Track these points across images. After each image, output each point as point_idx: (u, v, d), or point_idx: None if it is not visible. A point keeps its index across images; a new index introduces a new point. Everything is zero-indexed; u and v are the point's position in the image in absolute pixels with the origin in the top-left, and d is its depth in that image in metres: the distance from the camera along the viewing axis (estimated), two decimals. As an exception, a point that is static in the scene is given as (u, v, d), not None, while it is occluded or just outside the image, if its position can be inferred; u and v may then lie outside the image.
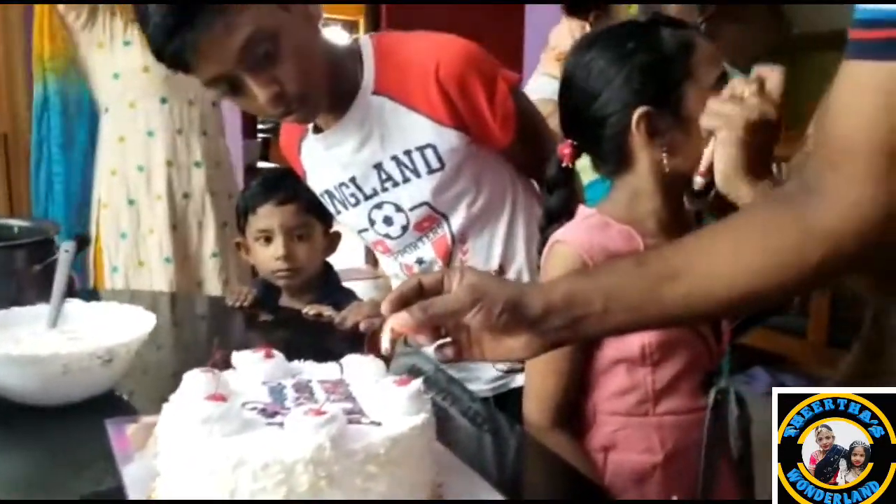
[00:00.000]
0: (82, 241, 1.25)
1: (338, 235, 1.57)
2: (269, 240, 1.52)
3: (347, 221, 1.33)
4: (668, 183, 1.03)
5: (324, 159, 1.27)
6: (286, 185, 1.48)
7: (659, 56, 0.99)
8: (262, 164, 6.50)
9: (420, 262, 1.28)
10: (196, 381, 0.73)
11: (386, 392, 0.74)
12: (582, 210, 1.08)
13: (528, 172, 1.31)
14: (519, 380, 1.22)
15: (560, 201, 1.10)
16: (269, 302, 1.53)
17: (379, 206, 1.25)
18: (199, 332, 1.51)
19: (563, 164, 1.07)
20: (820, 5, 3.37)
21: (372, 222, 1.27)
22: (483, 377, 1.29)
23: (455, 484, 0.77)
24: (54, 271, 1.17)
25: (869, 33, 0.62)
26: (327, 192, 1.31)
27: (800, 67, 1.26)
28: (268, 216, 1.51)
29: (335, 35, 8.56)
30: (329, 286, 1.56)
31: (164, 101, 2.01)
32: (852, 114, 0.64)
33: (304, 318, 1.42)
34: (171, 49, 1.03)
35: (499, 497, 0.77)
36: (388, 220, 1.26)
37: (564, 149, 1.07)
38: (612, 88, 1.01)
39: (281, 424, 0.69)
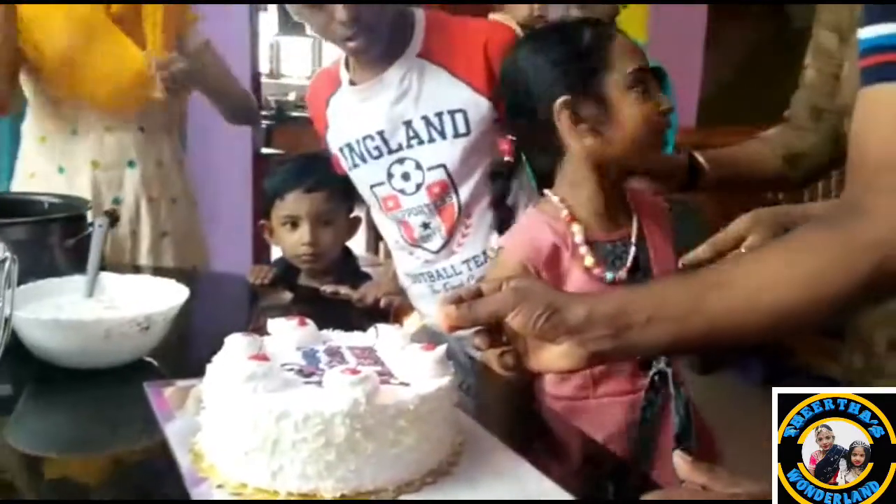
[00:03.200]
0: (114, 217, 1.30)
1: (358, 220, 1.61)
2: (294, 225, 1.55)
3: (363, 176, 1.39)
4: (601, 168, 1.07)
5: (355, 111, 1.36)
6: (315, 172, 1.53)
7: (577, 47, 1.06)
8: (266, 151, 6.53)
9: (425, 226, 1.36)
10: (238, 343, 0.80)
11: (413, 356, 0.80)
12: (529, 209, 1.16)
13: None
14: None
15: (499, 189, 1.26)
16: (288, 280, 1.58)
17: (400, 161, 1.34)
18: (221, 307, 1.56)
19: (505, 159, 1.18)
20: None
21: (390, 176, 1.35)
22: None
23: (473, 441, 0.84)
24: (85, 245, 1.23)
25: (876, 59, 0.68)
26: (348, 145, 1.38)
27: (800, 62, 1.32)
28: (296, 202, 1.54)
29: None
30: (348, 269, 1.61)
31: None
32: (877, 134, 0.68)
33: (322, 296, 1.48)
34: None
35: (511, 452, 0.83)
36: (405, 176, 1.35)
37: (503, 144, 1.17)
38: (537, 81, 1.07)
39: (318, 383, 0.75)
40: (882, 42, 0.67)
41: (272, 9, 6.11)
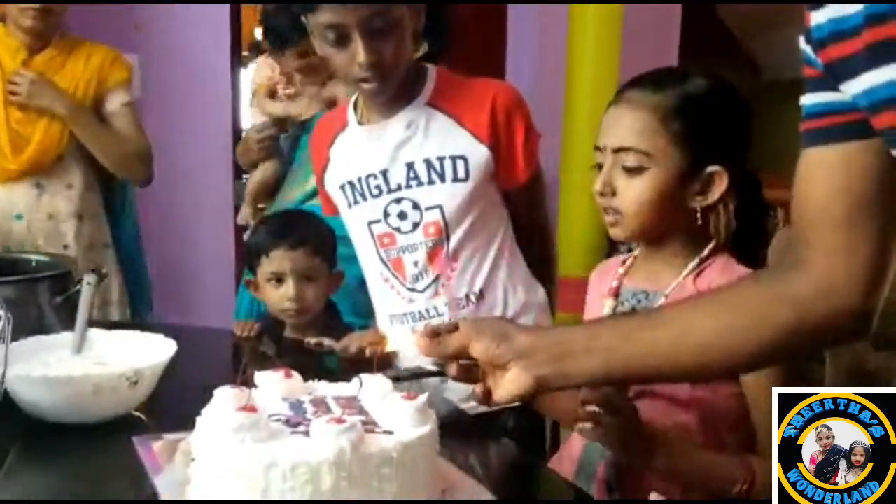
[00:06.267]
0: (101, 274, 1.32)
1: (341, 275, 1.63)
2: (279, 281, 1.57)
3: (361, 213, 1.44)
4: None
5: (360, 150, 1.42)
6: (297, 229, 1.55)
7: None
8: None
9: (416, 263, 1.41)
10: (227, 395, 0.82)
11: (395, 405, 0.83)
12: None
13: (517, 221, 1.47)
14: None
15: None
16: (273, 333, 1.60)
17: (398, 200, 1.39)
18: (207, 361, 1.58)
19: None
20: (792, 51, 3.53)
21: (386, 214, 1.40)
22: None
23: (457, 488, 0.86)
24: (73, 302, 1.26)
25: (815, 122, 0.73)
26: (350, 182, 1.43)
27: (771, 114, 1.37)
28: (280, 259, 1.56)
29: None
30: (332, 323, 1.62)
31: None
32: (814, 194, 0.74)
33: (306, 348, 1.50)
34: None
35: (496, 500, 0.85)
36: (402, 215, 1.39)
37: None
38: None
39: (305, 433, 0.77)
40: (816, 109, 0.73)
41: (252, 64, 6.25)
